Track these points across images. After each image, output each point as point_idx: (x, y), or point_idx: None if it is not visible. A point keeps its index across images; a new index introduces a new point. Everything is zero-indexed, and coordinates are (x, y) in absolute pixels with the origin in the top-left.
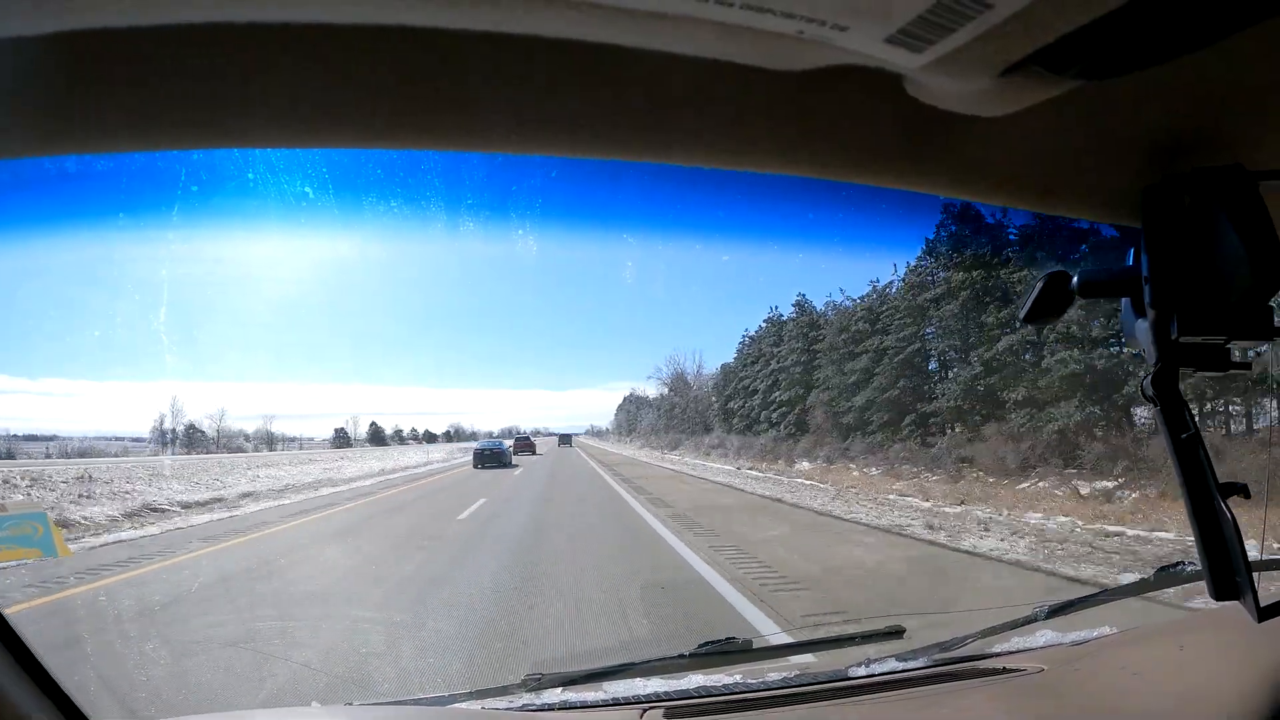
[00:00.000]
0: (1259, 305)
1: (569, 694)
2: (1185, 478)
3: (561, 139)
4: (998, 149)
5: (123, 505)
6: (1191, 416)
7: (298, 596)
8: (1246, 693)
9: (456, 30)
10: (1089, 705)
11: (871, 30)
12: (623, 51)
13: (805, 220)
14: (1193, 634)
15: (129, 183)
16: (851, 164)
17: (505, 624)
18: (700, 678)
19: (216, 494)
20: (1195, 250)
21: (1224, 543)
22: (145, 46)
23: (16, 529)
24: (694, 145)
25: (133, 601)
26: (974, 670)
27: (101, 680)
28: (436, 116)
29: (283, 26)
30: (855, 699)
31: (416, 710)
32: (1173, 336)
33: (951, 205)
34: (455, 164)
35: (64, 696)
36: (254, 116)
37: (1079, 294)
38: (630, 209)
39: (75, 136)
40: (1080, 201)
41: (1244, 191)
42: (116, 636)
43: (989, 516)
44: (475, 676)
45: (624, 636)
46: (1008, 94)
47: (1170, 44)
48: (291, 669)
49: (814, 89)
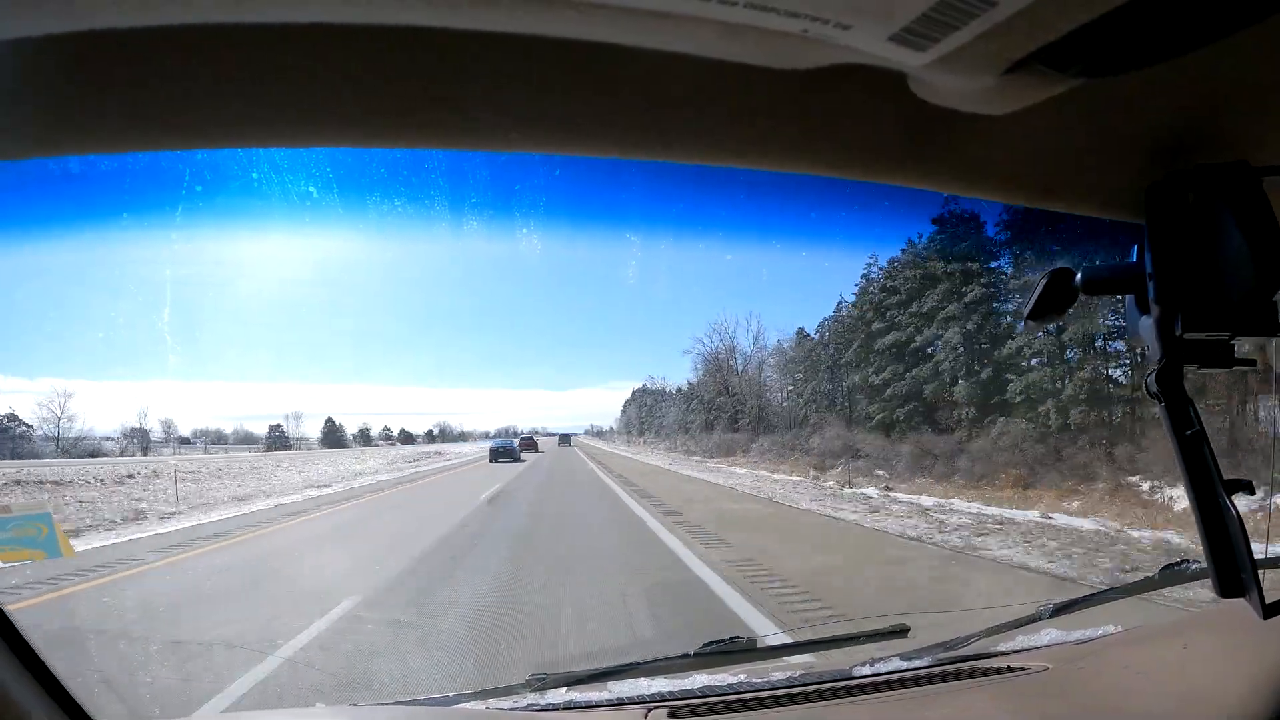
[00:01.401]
0: (1263, 301)
1: (573, 694)
2: (1190, 474)
3: (564, 138)
4: (1001, 147)
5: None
6: (1196, 413)
7: None
8: (1252, 691)
9: (461, 30)
10: (1094, 704)
11: (875, 29)
12: (625, 51)
13: (808, 219)
14: (1197, 632)
15: (132, 183)
16: (855, 162)
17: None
18: (704, 677)
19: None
20: (1199, 247)
21: (1229, 540)
22: (147, 47)
23: (20, 530)
24: (696, 144)
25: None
26: (978, 669)
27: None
28: (439, 116)
29: (283, 27)
30: (859, 698)
31: (421, 710)
32: (1177, 333)
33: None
34: (458, 162)
35: (66, 695)
36: (256, 116)
37: (1083, 291)
38: (632, 207)
39: (77, 137)
40: (1083, 199)
41: (1248, 188)
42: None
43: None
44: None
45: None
46: (1011, 92)
47: (1173, 42)
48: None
49: (817, 87)
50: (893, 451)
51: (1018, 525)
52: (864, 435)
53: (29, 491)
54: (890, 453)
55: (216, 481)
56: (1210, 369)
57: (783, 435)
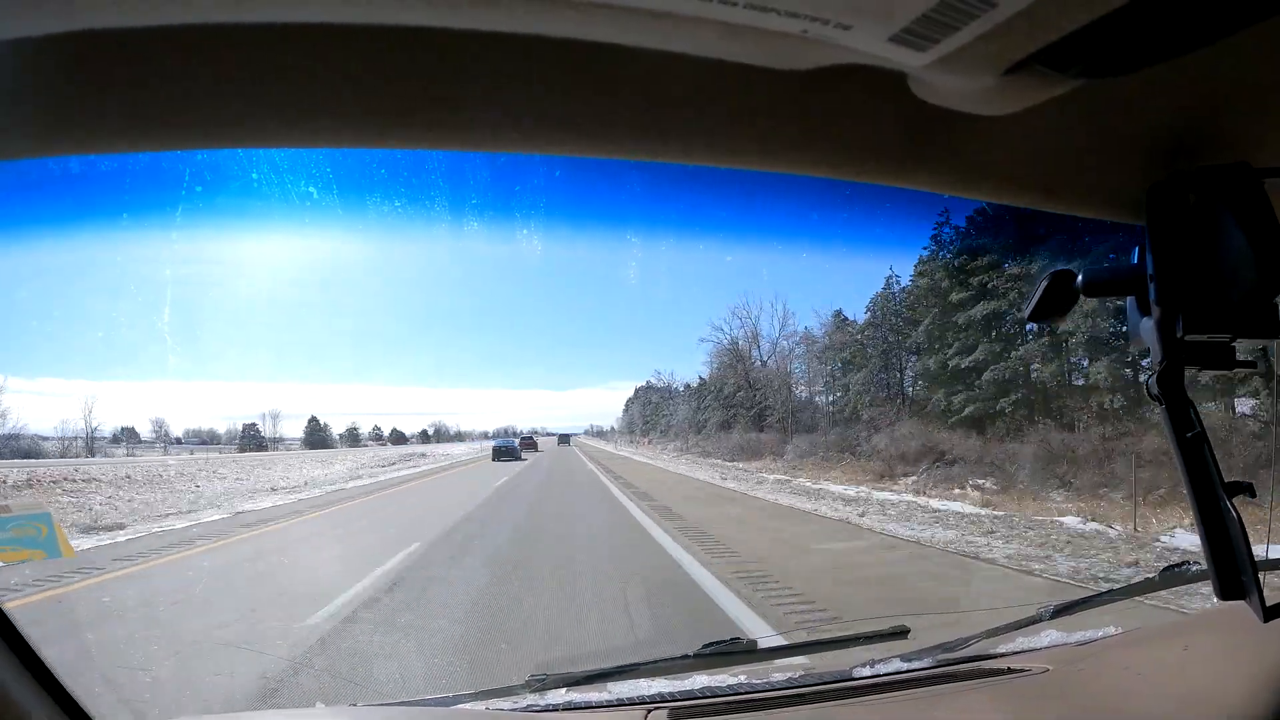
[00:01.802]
0: (1264, 303)
1: (573, 695)
2: (1191, 477)
3: (564, 138)
4: (1001, 148)
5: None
6: (1197, 415)
7: None
8: (1252, 693)
9: (461, 30)
10: (1094, 706)
11: (875, 29)
12: (626, 51)
13: (809, 219)
14: (1198, 634)
15: (132, 183)
16: (855, 163)
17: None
18: (704, 678)
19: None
20: (1200, 248)
21: (1230, 542)
22: (147, 47)
23: (21, 530)
24: (697, 144)
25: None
26: (978, 670)
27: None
28: (439, 116)
29: (283, 26)
30: (860, 699)
31: (420, 711)
32: (1178, 335)
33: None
34: (458, 163)
35: (66, 695)
36: (256, 116)
37: (1084, 293)
38: (633, 208)
39: (77, 137)
40: (1084, 200)
41: (1249, 189)
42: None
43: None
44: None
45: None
46: (1011, 93)
47: (1173, 42)
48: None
49: (817, 88)
50: (995, 454)
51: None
52: (945, 433)
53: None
54: (991, 455)
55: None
56: (1211, 371)
57: (825, 434)
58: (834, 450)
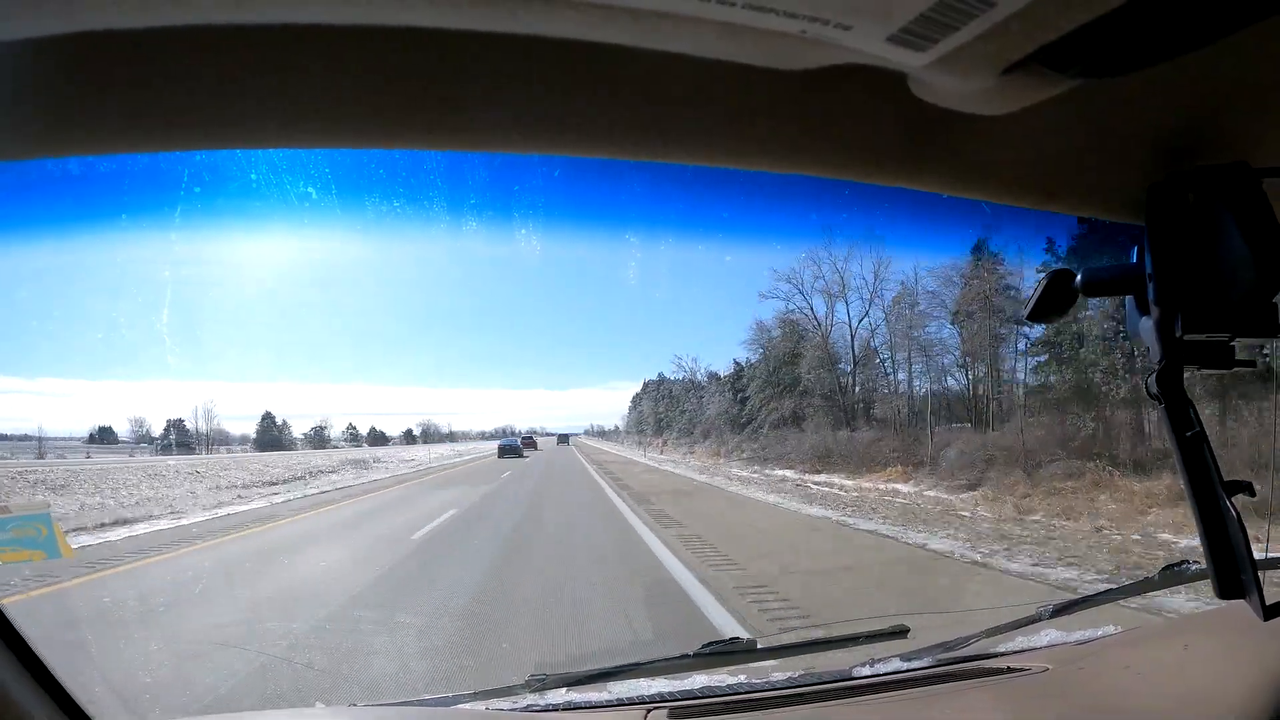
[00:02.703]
0: (1263, 302)
1: (573, 694)
2: (1190, 476)
3: (563, 139)
4: (1001, 147)
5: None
6: (1196, 414)
7: None
8: (1252, 692)
9: (461, 30)
10: (1093, 705)
11: (874, 29)
12: (624, 51)
13: (808, 220)
14: (1197, 633)
15: (131, 183)
16: (854, 163)
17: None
18: (704, 678)
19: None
20: (1199, 248)
21: (1229, 541)
22: (147, 48)
23: (20, 530)
24: (695, 144)
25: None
26: (978, 670)
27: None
28: (439, 116)
29: (283, 27)
30: (860, 699)
31: (420, 711)
32: (1177, 334)
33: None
34: (458, 163)
35: (65, 694)
36: (255, 117)
37: (1083, 292)
38: (632, 208)
39: (77, 137)
40: (1083, 200)
41: (1248, 189)
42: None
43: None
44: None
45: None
46: (1010, 92)
47: (1172, 42)
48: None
49: (816, 88)
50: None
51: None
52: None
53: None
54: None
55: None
56: (1211, 370)
57: (1018, 433)
58: (1076, 456)
